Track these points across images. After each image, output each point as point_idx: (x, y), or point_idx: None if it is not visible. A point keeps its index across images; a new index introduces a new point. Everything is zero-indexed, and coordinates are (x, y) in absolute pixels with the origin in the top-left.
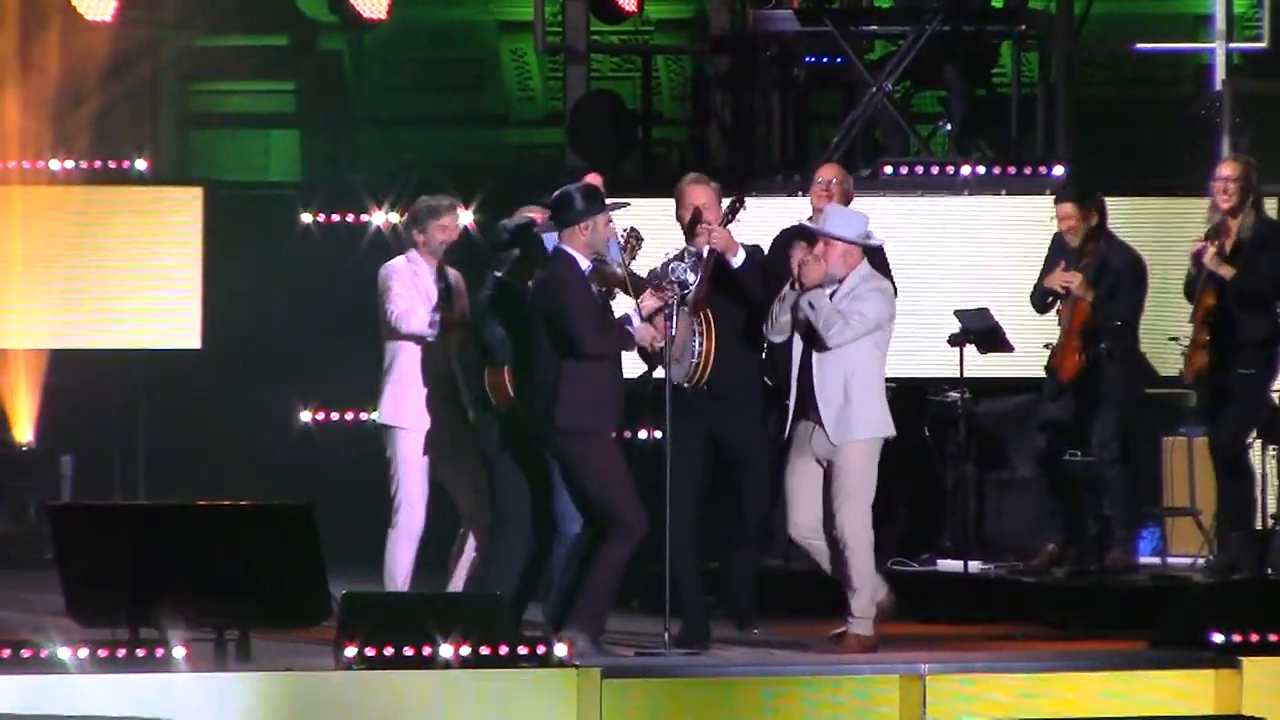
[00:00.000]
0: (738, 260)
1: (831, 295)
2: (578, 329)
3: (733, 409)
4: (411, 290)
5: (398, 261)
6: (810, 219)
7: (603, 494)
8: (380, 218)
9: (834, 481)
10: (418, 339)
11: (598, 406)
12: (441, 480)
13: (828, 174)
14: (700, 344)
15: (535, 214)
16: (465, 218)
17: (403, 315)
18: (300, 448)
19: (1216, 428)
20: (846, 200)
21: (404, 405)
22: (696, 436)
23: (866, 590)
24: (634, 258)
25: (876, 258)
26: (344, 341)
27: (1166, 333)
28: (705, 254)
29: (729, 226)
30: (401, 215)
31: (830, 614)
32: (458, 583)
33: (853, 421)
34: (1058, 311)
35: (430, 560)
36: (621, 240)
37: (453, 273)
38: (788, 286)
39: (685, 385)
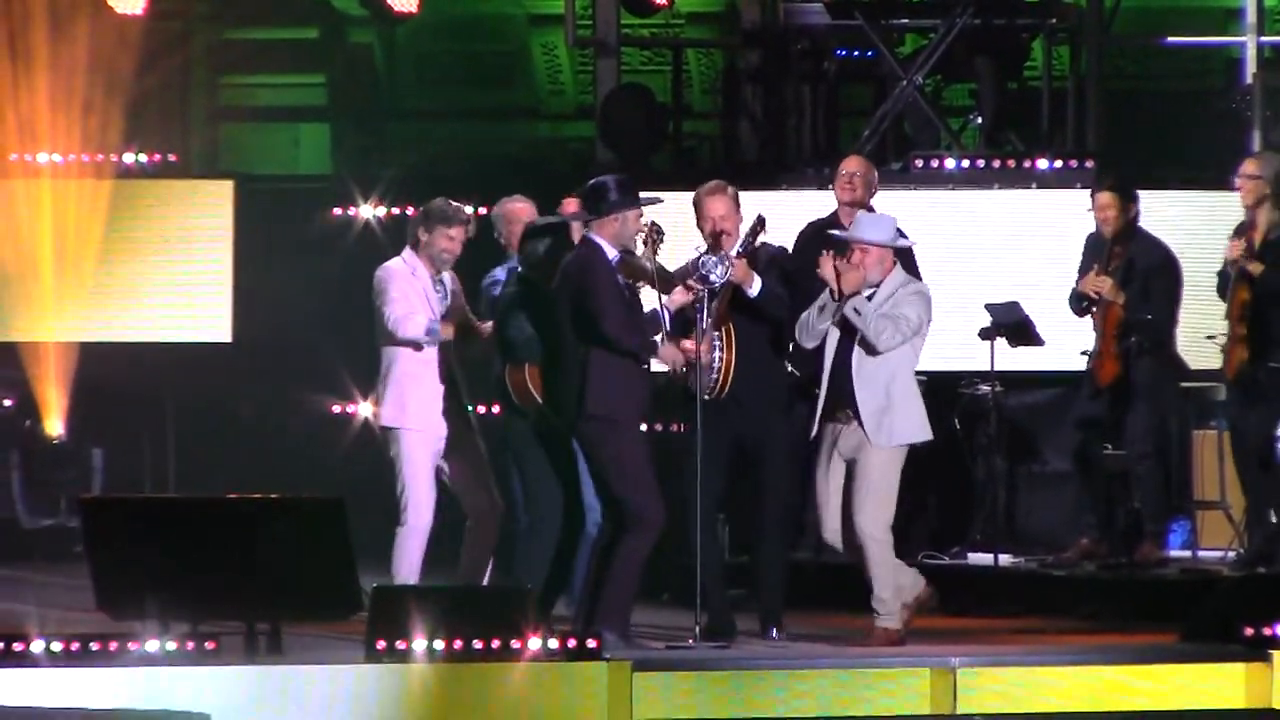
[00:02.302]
0: (754, 290)
1: (869, 300)
2: (602, 313)
3: (753, 412)
4: (408, 293)
5: (394, 263)
6: (832, 218)
7: (623, 486)
8: (368, 212)
9: (857, 480)
10: (414, 344)
11: (626, 394)
12: (445, 477)
13: (851, 166)
14: (720, 358)
15: (524, 205)
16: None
17: (399, 320)
18: (331, 441)
19: (1246, 420)
20: (870, 192)
21: (407, 406)
22: (720, 437)
23: (888, 586)
24: (656, 253)
25: (905, 257)
26: (367, 334)
27: (1198, 326)
28: (726, 278)
29: (753, 244)
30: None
31: (859, 607)
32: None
33: (895, 426)
34: (1093, 315)
35: (437, 556)
36: (643, 235)
37: (448, 275)
38: (825, 294)
39: (706, 397)
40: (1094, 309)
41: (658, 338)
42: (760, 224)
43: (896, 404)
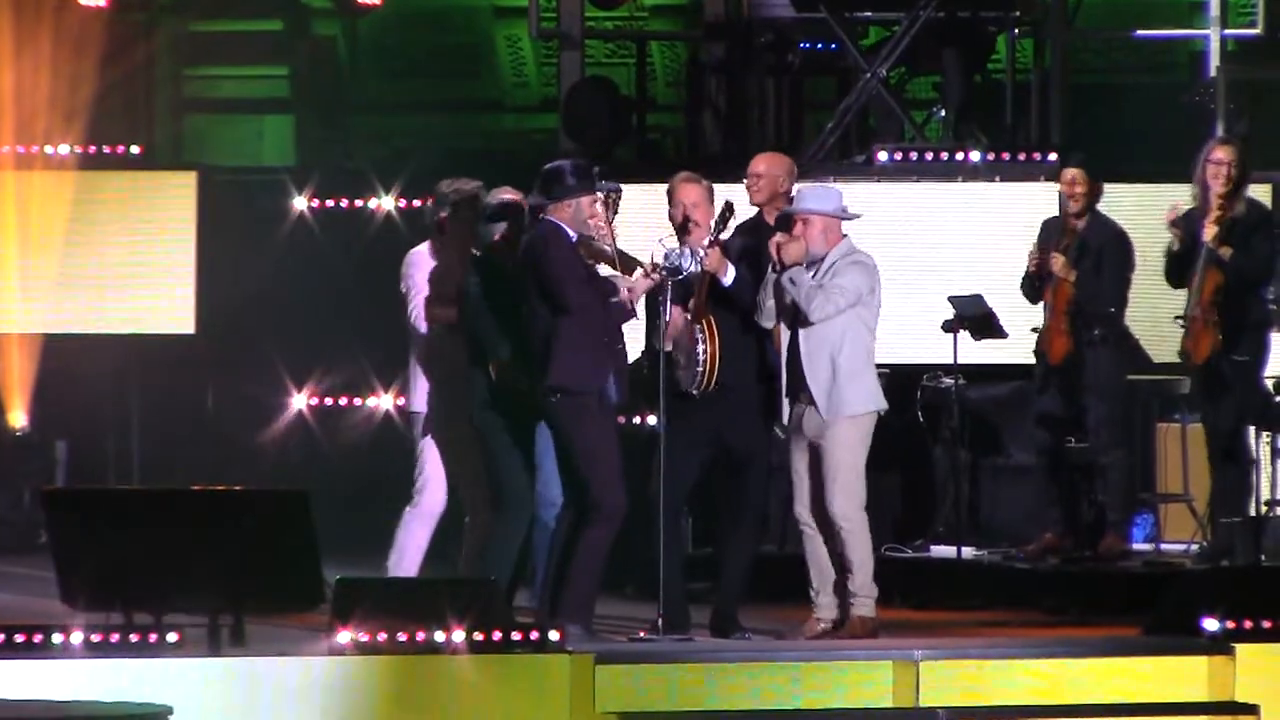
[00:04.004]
0: (728, 279)
1: (814, 274)
2: (560, 282)
3: (738, 408)
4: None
5: (422, 250)
6: (757, 220)
7: (588, 471)
8: (332, 203)
9: (823, 462)
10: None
11: (587, 368)
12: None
13: (757, 167)
14: (704, 350)
15: (514, 196)
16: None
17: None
18: (295, 433)
19: (1213, 414)
20: (770, 198)
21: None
22: (700, 431)
23: (866, 570)
24: (615, 212)
25: None
26: (338, 326)
27: (1163, 320)
28: (699, 269)
29: (723, 232)
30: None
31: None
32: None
33: (844, 398)
34: (1044, 294)
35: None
36: (601, 196)
37: None
38: (770, 270)
39: (694, 392)
40: (1046, 288)
41: (630, 326)
42: (729, 210)
43: (844, 375)
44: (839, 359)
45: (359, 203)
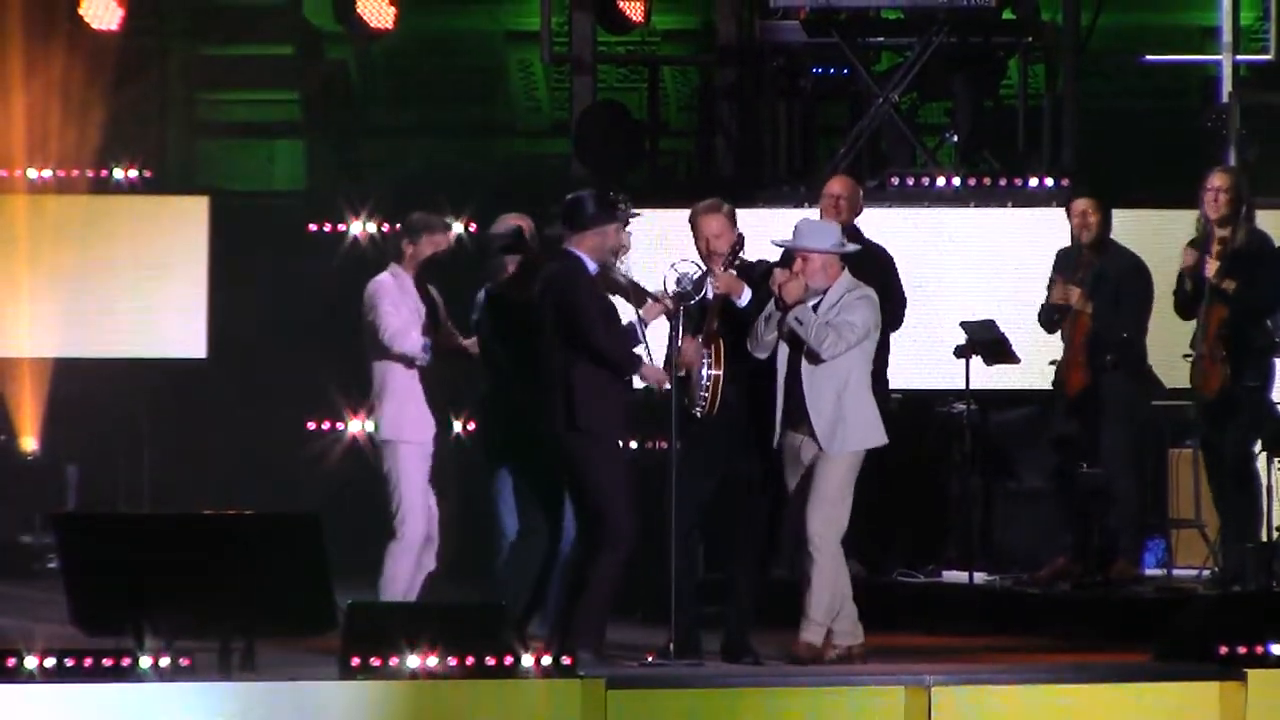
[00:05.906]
0: (743, 301)
1: (816, 307)
2: (592, 328)
3: (749, 433)
4: (400, 307)
5: (384, 278)
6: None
7: (600, 499)
8: (358, 228)
9: (812, 487)
10: (409, 360)
11: (612, 406)
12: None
13: (835, 189)
14: (709, 375)
15: (520, 221)
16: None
17: (395, 334)
18: (306, 457)
19: (1222, 439)
20: (855, 212)
21: (405, 419)
22: (711, 455)
23: (825, 595)
24: (626, 223)
25: (882, 266)
26: (350, 350)
27: (1172, 345)
28: (712, 295)
29: (733, 262)
30: (380, 226)
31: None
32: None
33: (848, 433)
34: (1061, 326)
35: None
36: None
37: (431, 289)
38: (771, 305)
39: (699, 414)
40: (1064, 320)
41: (639, 350)
42: (740, 244)
43: (849, 411)
44: (844, 394)
45: (370, 227)
